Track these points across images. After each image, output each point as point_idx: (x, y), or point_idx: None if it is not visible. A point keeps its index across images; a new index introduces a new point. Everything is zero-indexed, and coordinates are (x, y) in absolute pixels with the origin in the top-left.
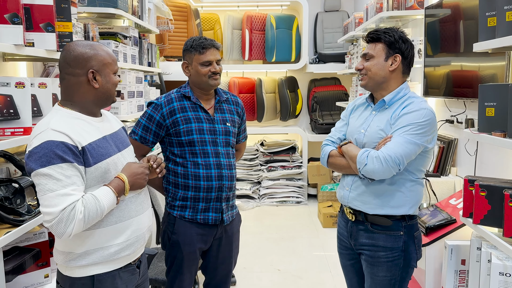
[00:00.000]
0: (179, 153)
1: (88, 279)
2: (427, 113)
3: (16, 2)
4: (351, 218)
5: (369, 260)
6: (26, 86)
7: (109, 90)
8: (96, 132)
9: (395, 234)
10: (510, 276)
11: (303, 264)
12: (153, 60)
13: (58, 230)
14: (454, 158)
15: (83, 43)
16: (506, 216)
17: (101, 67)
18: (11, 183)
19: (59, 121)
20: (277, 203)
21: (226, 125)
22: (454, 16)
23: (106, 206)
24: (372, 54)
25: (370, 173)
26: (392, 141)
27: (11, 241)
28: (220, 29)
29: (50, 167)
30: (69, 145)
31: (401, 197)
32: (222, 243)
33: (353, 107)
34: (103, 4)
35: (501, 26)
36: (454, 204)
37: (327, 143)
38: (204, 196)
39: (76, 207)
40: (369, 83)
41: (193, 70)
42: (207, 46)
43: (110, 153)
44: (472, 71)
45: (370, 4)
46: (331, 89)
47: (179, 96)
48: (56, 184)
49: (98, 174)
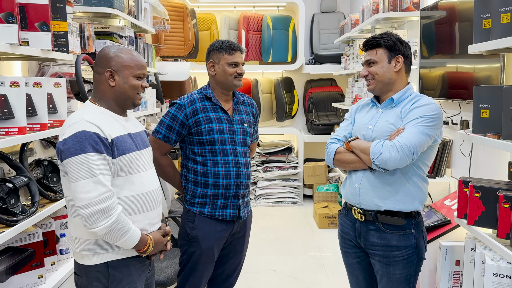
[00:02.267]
0: (200, 152)
1: (102, 266)
2: (436, 107)
3: (11, 1)
4: (359, 218)
5: (384, 261)
6: (20, 85)
7: (126, 91)
8: (121, 128)
9: (407, 232)
10: (504, 277)
11: (299, 264)
12: (149, 60)
13: (93, 216)
14: (449, 159)
15: (113, 46)
16: (500, 217)
17: (120, 68)
18: (5, 183)
19: (92, 114)
20: (273, 204)
21: (244, 126)
22: (449, 18)
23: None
24: (375, 59)
25: (386, 161)
26: (406, 131)
27: (5, 241)
28: (216, 29)
29: (83, 155)
30: (101, 136)
31: (411, 192)
32: (236, 237)
33: (357, 107)
34: (99, 3)
35: (495, 28)
36: (449, 205)
37: (332, 141)
38: (222, 194)
39: (117, 207)
40: (377, 86)
41: (220, 70)
42: (236, 48)
43: (133, 149)
44: (467, 73)
45: (366, 5)
46: (327, 90)
47: (201, 97)
48: (88, 172)
49: (122, 165)
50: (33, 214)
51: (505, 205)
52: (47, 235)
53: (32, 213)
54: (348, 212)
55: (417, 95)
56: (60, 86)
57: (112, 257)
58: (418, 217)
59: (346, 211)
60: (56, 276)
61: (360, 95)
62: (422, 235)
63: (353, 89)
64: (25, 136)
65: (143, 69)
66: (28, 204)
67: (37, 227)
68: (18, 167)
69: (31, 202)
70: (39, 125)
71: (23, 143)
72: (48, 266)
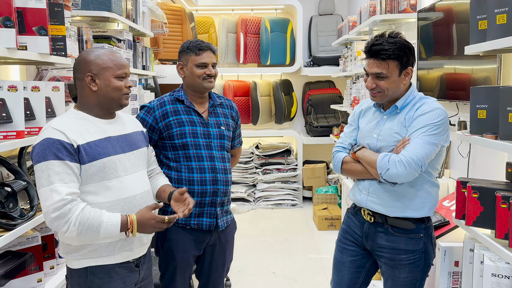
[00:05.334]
0: (173, 157)
1: (82, 271)
2: (441, 113)
3: (8, 5)
4: (369, 219)
5: (390, 263)
6: (18, 89)
7: (109, 93)
8: (99, 132)
9: (415, 236)
10: (502, 277)
11: (298, 267)
12: (148, 63)
13: (52, 224)
14: (447, 160)
15: (91, 50)
16: (498, 217)
17: (100, 70)
18: (4, 187)
19: (62, 120)
20: (272, 206)
21: (221, 129)
22: (446, 19)
23: (105, 222)
24: (386, 74)
25: (394, 178)
26: (411, 143)
27: (4, 245)
28: (214, 32)
29: (44, 163)
30: (64, 142)
31: (421, 199)
32: (216, 251)
33: (360, 111)
34: (97, 7)
35: (491, 29)
36: (447, 206)
37: (338, 149)
38: (198, 201)
39: (74, 209)
40: (384, 99)
41: (188, 72)
42: (204, 48)
43: (109, 153)
44: (464, 73)
45: (364, 7)
46: (326, 92)
47: (172, 99)
48: (47, 179)
49: (93, 171)
50: (31, 218)
51: (503, 206)
52: (46, 239)
53: (30, 217)
54: (358, 213)
55: (421, 98)
56: (58, 90)
57: (92, 263)
58: (428, 222)
59: (355, 211)
60: (55, 280)
61: (358, 96)
62: (431, 240)
63: (351, 91)
64: (23, 140)
65: (124, 69)
66: (26, 208)
67: (35, 231)
68: (17, 171)
69: (30, 206)
70: (38, 129)
71: (22, 147)
72: (47, 270)
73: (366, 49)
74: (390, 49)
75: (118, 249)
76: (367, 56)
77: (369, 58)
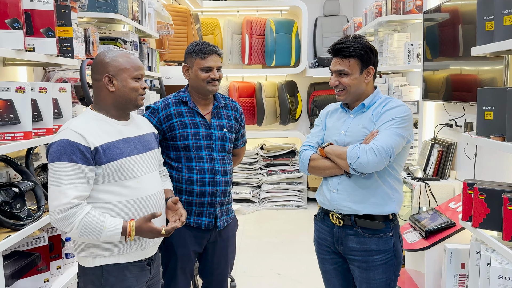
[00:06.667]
0: (175, 157)
1: (97, 269)
2: (406, 109)
3: (16, 7)
4: (337, 223)
5: (363, 266)
6: (26, 90)
7: (126, 94)
8: (116, 133)
9: (385, 236)
10: (509, 279)
11: (303, 268)
12: (153, 64)
13: (56, 224)
14: (453, 162)
15: (107, 51)
16: (505, 219)
17: (117, 72)
18: (11, 188)
19: (80, 122)
20: (277, 207)
21: (223, 131)
22: (452, 20)
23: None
24: (348, 71)
25: (364, 165)
26: (380, 134)
27: (11, 246)
28: (220, 33)
29: (57, 163)
30: (80, 145)
31: (387, 193)
32: (217, 247)
33: (327, 112)
34: (103, 9)
35: (498, 30)
36: (453, 207)
37: (305, 148)
38: (197, 201)
39: (78, 213)
40: (348, 97)
41: (193, 74)
42: (209, 52)
43: (126, 154)
44: (471, 75)
45: (369, 8)
46: (331, 93)
47: (176, 101)
48: (58, 180)
49: (111, 171)
50: (38, 218)
51: (510, 207)
52: (53, 239)
53: (37, 217)
54: (325, 218)
55: (386, 98)
56: (65, 91)
57: (107, 261)
58: (395, 220)
59: (322, 216)
60: (61, 280)
61: None
62: (399, 239)
63: None
64: (31, 141)
65: (140, 70)
66: (34, 208)
67: (42, 231)
68: (24, 171)
69: (37, 206)
70: (45, 130)
71: (29, 148)
72: (53, 270)
73: (330, 49)
74: (351, 47)
75: (132, 248)
76: (332, 56)
77: (333, 57)
